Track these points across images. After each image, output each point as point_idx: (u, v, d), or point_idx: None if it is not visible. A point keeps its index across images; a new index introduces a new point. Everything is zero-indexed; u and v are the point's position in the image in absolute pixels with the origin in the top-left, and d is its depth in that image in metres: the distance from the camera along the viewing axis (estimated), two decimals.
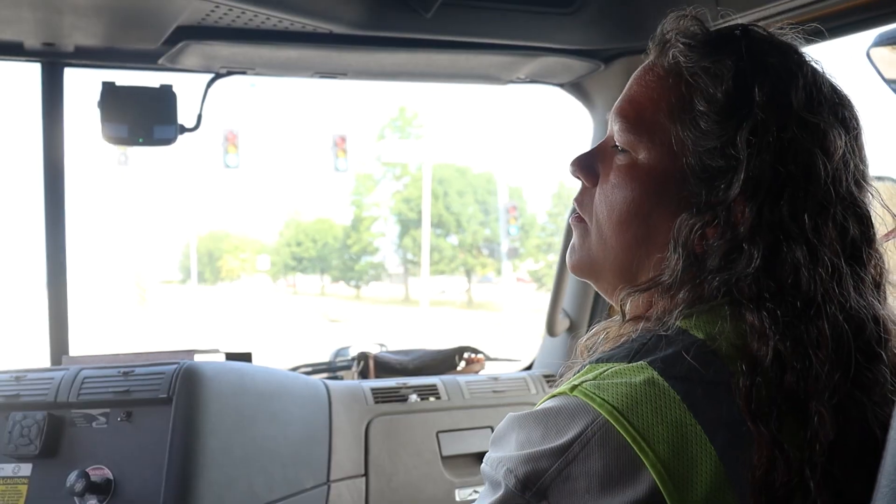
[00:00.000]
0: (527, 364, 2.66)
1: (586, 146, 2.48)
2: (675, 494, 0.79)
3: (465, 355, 2.65)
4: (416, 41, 2.04)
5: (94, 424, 1.81)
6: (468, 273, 39.27)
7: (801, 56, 1.00)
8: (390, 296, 41.59)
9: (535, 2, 2.00)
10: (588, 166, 1.07)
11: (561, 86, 2.45)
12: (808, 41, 1.03)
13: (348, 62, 2.14)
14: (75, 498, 1.71)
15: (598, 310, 2.47)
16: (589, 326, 2.41)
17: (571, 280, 2.46)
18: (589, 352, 1.04)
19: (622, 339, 0.96)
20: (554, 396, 0.89)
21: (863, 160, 0.99)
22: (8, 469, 1.79)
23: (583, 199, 1.08)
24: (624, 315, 1.00)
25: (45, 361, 2.17)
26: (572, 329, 2.50)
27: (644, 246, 1.00)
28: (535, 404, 2.46)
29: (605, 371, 0.87)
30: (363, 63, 2.16)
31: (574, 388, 0.87)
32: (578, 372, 0.91)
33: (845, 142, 0.95)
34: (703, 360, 0.85)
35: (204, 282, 47.40)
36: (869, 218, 0.96)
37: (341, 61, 2.12)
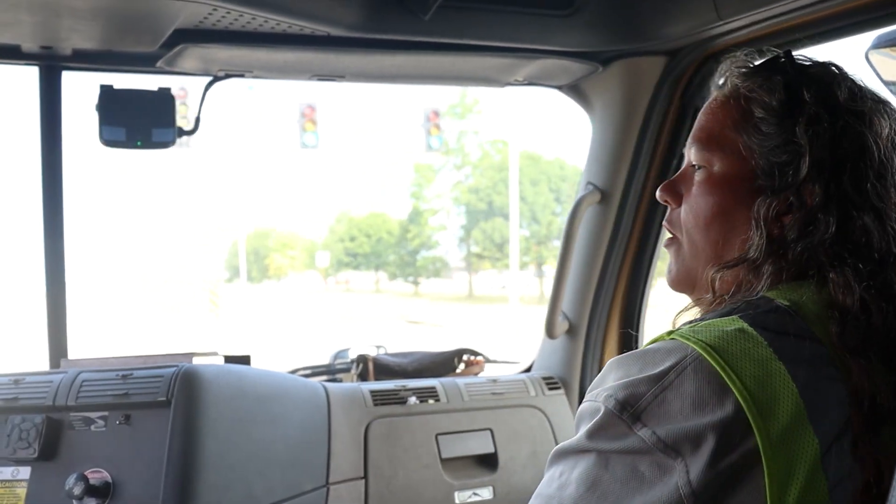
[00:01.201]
0: (526, 366, 2.66)
1: (585, 147, 2.48)
2: (759, 420, 0.88)
3: (465, 357, 2.65)
4: (413, 43, 2.04)
5: (92, 427, 1.81)
6: (539, 266, 37.49)
7: (839, 67, 1.15)
8: (453, 292, 39.74)
9: (533, 4, 2.00)
10: (672, 190, 1.22)
11: (559, 88, 2.45)
12: (810, 44, 1.16)
13: (346, 65, 2.13)
14: (74, 501, 1.71)
15: (598, 312, 2.47)
16: (588, 330, 2.44)
17: (571, 283, 2.46)
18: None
19: (713, 310, 1.06)
20: (652, 342, 1.00)
21: None
22: (7, 472, 1.79)
23: (672, 219, 1.22)
24: (714, 291, 1.10)
25: (45, 364, 2.18)
26: (571, 331, 2.50)
27: (728, 240, 1.12)
28: (534, 406, 2.47)
29: (699, 323, 0.98)
30: (361, 65, 2.16)
31: (670, 333, 0.98)
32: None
33: (890, 126, 1.09)
34: (788, 319, 0.96)
35: (251, 280, 46.00)
36: None
37: (339, 64, 2.12)
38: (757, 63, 1.18)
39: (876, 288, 0.99)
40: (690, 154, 1.19)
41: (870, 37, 1.38)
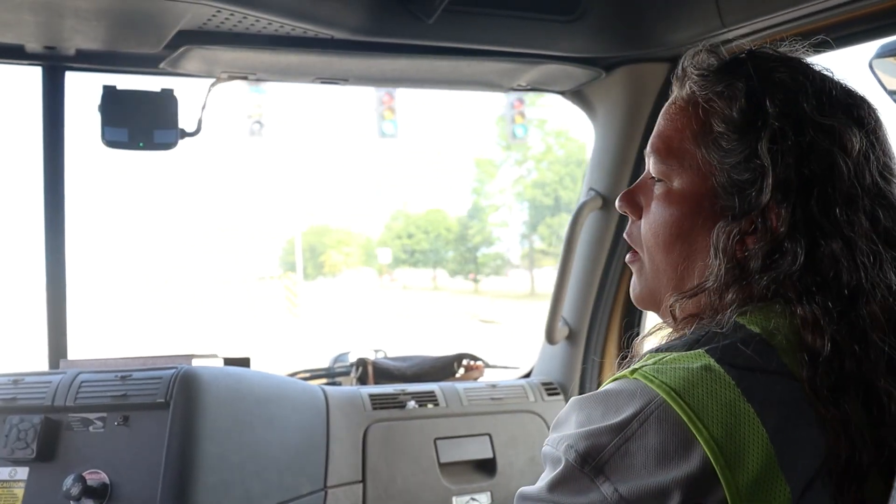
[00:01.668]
0: (525, 371, 2.66)
1: (588, 151, 2.48)
2: (727, 471, 0.83)
3: (464, 362, 2.65)
4: (417, 47, 2.04)
5: (90, 428, 1.81)
6: None
7: (807, 67, 1.06)
8: (513, 289, 38.04)
9: (537, 9, 2.00)
10: (631, 201, 1.15)
11: (562, 93, 2.45)
12: (815, 52, 1.09)
13: (349, 68, 2.14)
14: (71, 502, 1.70)
15: (598, 318, 2.46)
16: (588, 335, 2.43)
17: (571, 288, 2.46)
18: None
19: (679, 335, 1.01)
20: (615, 380, 0.94)
21: (887, 154, 1.03)
22: (4, 473, 1.79)
23: (632, 232, 1.16)
24: (675, 318, 1.05)
25: (45, 365, 2.17)
26: (571, 337, 2.50)
27: (689, 262, 1.05)
28: (533, 412, 2.46)
29: (664, 358, 0.92)
30: (364, 69, 2.16)
31: (634, 371, 0.92)
32: (639, 361, 0.96)
33: (861, 138, 0.99)
34: (758, 352, 0.90)
35: (306, 277, 44.51)
36: None
37: (342, 67, 2.12)
38: (719, 65, 1.08)
39: (848, 328, 0.92)
40: (649, 164, 1.12)
41: (874, 46, 1.38)
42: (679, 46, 2.09)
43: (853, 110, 1.02)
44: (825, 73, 1.06)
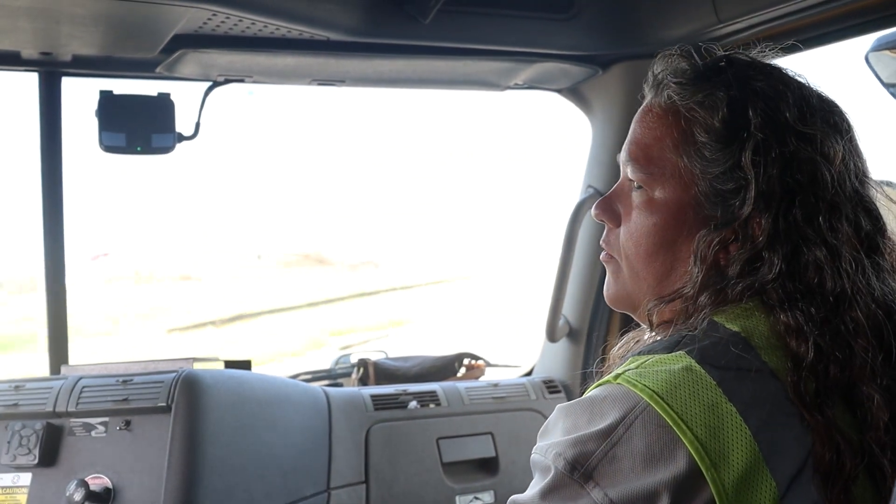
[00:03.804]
0: (527, 370, 2.66)
1: (584, 151, 2.48)
2: (712, 471, 0.84)
3: (465, 361, 2.65)
4: (413, 48, 2.04)
5: (93, 433, 1.81)
6: None
7: (785, 74, 1.06)
8: None
9: (533, 7, 2.00)
10: (609, 209, 1.15)
11: (559, 91, 2.45)
12: (810, 47, 1.10)
13: (346, 69, 2.14)
14: None
15: (599, 316, 2.46)
16: (588, 333, 2.43)
17: (572, 286, 2.46)
18: (622, 359, 1.07)
19: (658, 338, 1.02)
20: (599, 386, 0.95)
21: (861, 158, 1.05)
22: (7, 479, 1.79)
23: (609, 239, 1.15)
24: (652, 324, 1.07)
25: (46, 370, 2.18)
26: (572, 335, 2.50)
27: (673, 270, 1.06)
28: (535, 410, 2.45)
29: (646, 361, 0.93)
30: (361, 70, 2.16)
31: (618, 376, 0.92)
32: (622, 365, 0.96)
33: (842, 145, 1.01)
34: (738, 351, 0.91)
35: None
36: (877, 211, 1.03)
37: (339, 68, 2.12)
38: (696, 72, 1.08)
39: (832, 334, 0.92)
40: (627, 170, 1.12)
41: (870, 39, 1.38)
42: (675, 42, 2.07)
43: (830, 117, 1.03)
44: (801, 79, 1.07)
